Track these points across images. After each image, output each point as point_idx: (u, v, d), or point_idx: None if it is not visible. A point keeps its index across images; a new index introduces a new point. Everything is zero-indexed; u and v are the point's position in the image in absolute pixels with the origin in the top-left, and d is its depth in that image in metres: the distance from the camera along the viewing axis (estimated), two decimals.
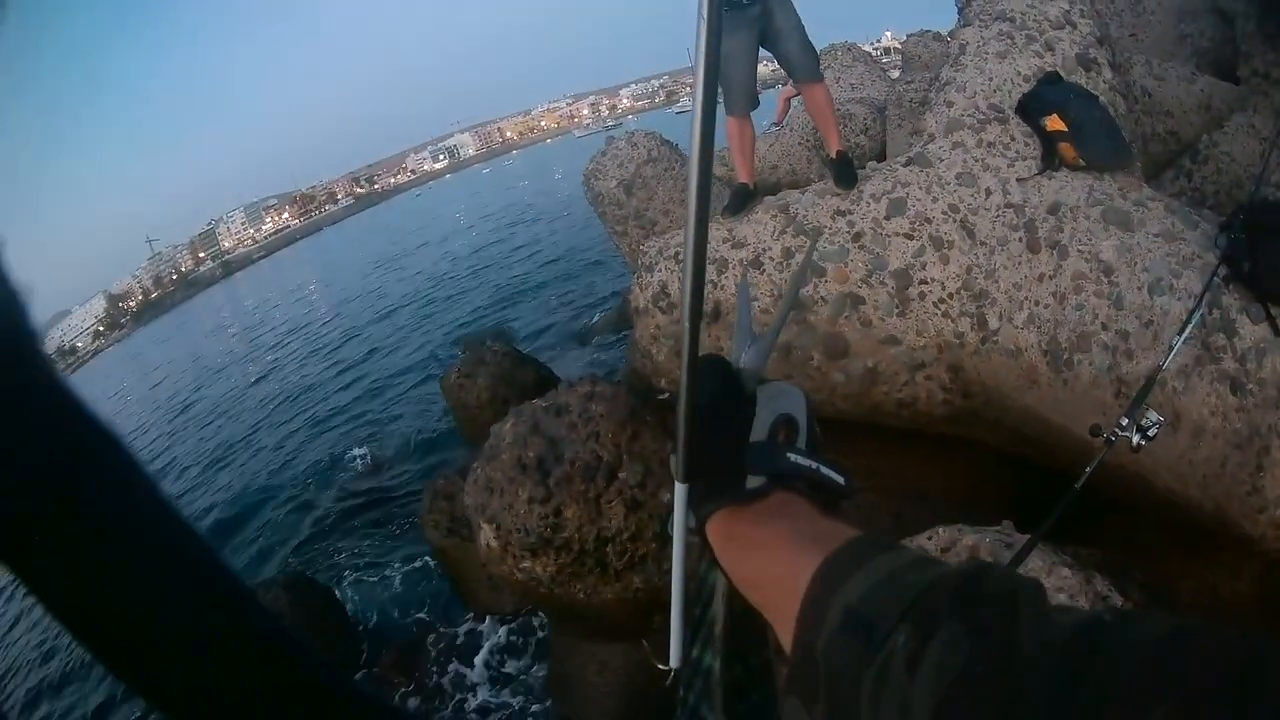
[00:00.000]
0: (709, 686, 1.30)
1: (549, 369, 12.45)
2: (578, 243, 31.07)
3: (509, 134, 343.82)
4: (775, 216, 6.24)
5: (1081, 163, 5.81)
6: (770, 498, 1.07)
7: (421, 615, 10.00)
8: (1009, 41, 6.63)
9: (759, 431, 1.16)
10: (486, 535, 6.09)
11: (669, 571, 4.06)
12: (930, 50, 16.41)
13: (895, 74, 18.06)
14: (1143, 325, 4.99)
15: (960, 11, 7.46)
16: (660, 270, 6.38)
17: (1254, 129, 8.54)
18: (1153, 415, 3.84)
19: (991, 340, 5.49)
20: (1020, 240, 5.56)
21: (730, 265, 6.18)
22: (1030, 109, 6.10)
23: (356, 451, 16.67)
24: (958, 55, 6.81)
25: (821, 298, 5.86)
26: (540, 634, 8.51)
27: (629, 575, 6.13)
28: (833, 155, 6.55)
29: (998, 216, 5.72)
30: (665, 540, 1.35)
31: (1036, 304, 5.36)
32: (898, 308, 5.72)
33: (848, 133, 12.53)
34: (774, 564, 0.97)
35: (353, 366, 25.93)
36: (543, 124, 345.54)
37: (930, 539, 4.17)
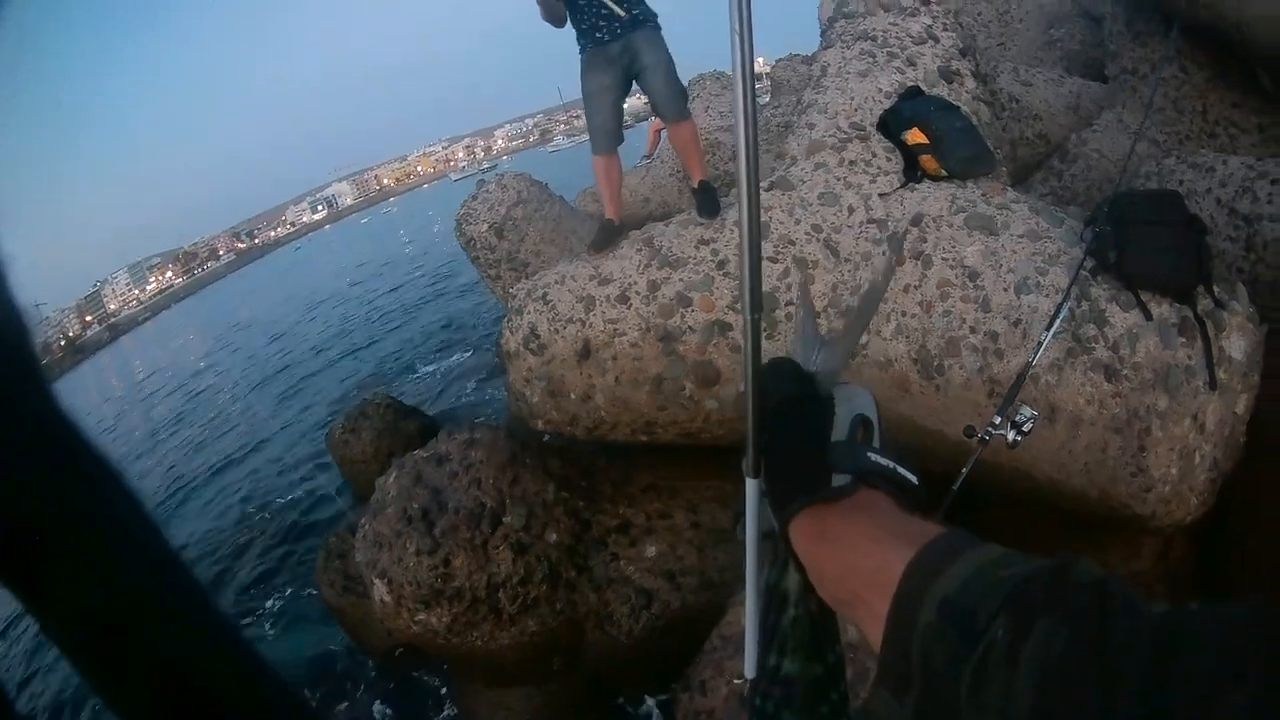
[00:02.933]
0: (790, 692, 1.30)
1: (432, 418, 12.32)
2: (461, 287, 30.98)
3: (386, 181, 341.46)
4: (640, 250, 6.22)
5: (944, 173, 5.87)
6: (856, 495, 1.08)
7: (321, 675, 9.80)
8: (870, 60, 6.72)
9: (840, 431, 1.18)
10: (380, 591, 6.03)
11: (562, 613, 4.01)
12: (798, 74, 16.55)
13: (765, 99, 18.17)
14: (1011, 325, 5.06)
15: (823, 34, 7.53)
16: (529, 312, 6.32)
17: (1123, 124, 8.79)
18: (1026, 411, 3.89)
19: (861, 354, 5.48)
20: (884, 254, 5.58)
21: (597, 302, 6.12)
22: (891, 124, 6.16)
23: (247, 512, 16.39)
24: (820, 77, 6.88)
25: (689, 327, 5.84)
26: (443, 685, 8.39)
27: (523, 619, 6.08)
28: (695, 185, 6.54)
29: (861, 232, 5.74)
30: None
31: (904, 314, 5.38)
32: (766, 331, 5.59)
33: (716, 160, 12.58)
34: (865, 559, 0.98)
35: (239, 430, 25.46)
36: (419, 169, 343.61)
37: None
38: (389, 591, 6.00)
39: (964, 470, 4.01)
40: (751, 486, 1.24)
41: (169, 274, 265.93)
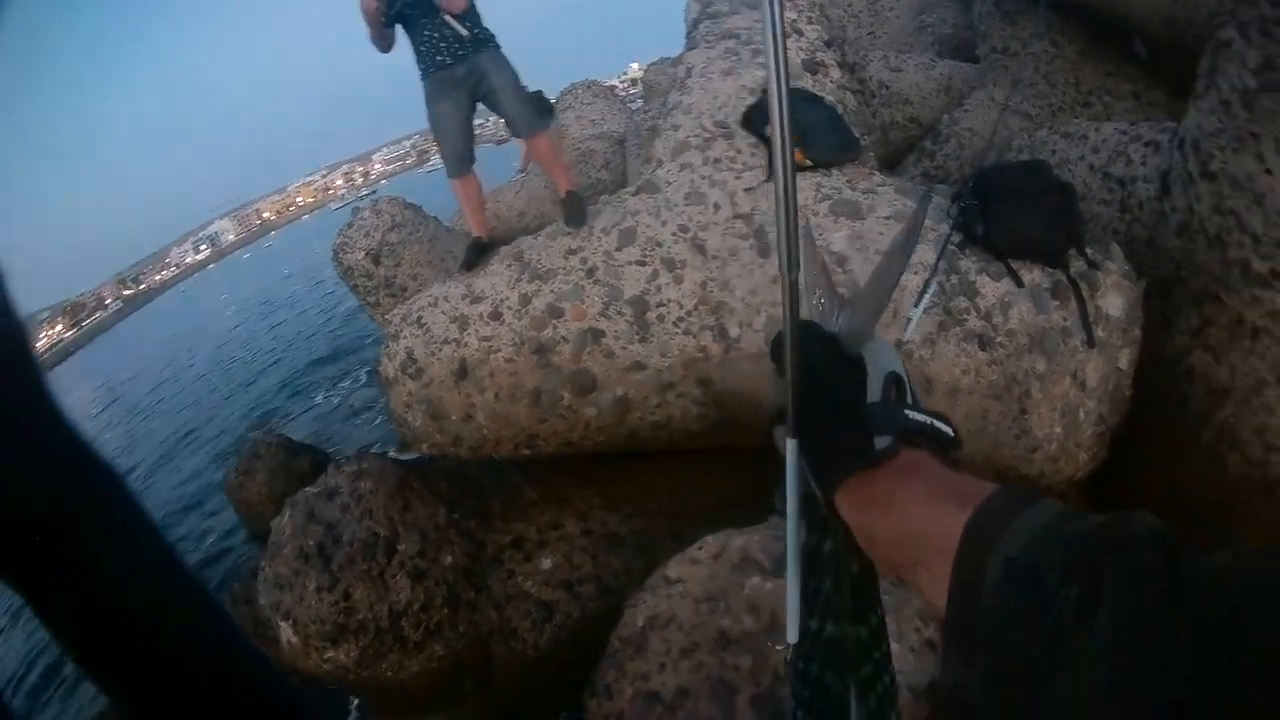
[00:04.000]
0: (833, 655, 1.32)
1: (323, 452, 12.21)
2: (346, 316, 30.72)
3: (267, 215, 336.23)
4: (510, 265, 6.22)
5: (808, 163, 5.93)
6: (900, 457, 1.06)
7: None
8: (735, 58, 6.80)
9: (874, 392, 1.14)
10: (286, 632, 5.95)
11: (466, 635, 3.99)
12: (669, 77, 16.63)
13: (637, 105, 18.26)
14: None
15: (688, 35, 7.58)
16: (405, 337, 6.30)
17: (994, 102, 8.96)
18: None
19: (735, 348, 5.53)
20: (751, 248, 5.63)
21: (471, 320, 6.11)
22: (754, 120, 6.24)
23: None
24: (684, 79, 6.96)
25: (562, 337, 5.85)
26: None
27: (429, 645, 6.05)
28: (563, 196, 6.58)
29: (727, 228, 5.78)
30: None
31: (774, 306, 5.40)
32: (638, 334, 5.73)
33: (588, 169, 12.64)
34: (920, 522, 0.96)
35: (133, 480, 24.95)
36: (299, 200, 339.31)
37: (701, 549, 4.22)
38: (295, 632, 5.92)
39: None
40: (792, 447, 1.20)
41: (58, 327, 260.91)
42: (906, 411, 1.09)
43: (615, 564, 6.32)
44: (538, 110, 6.75)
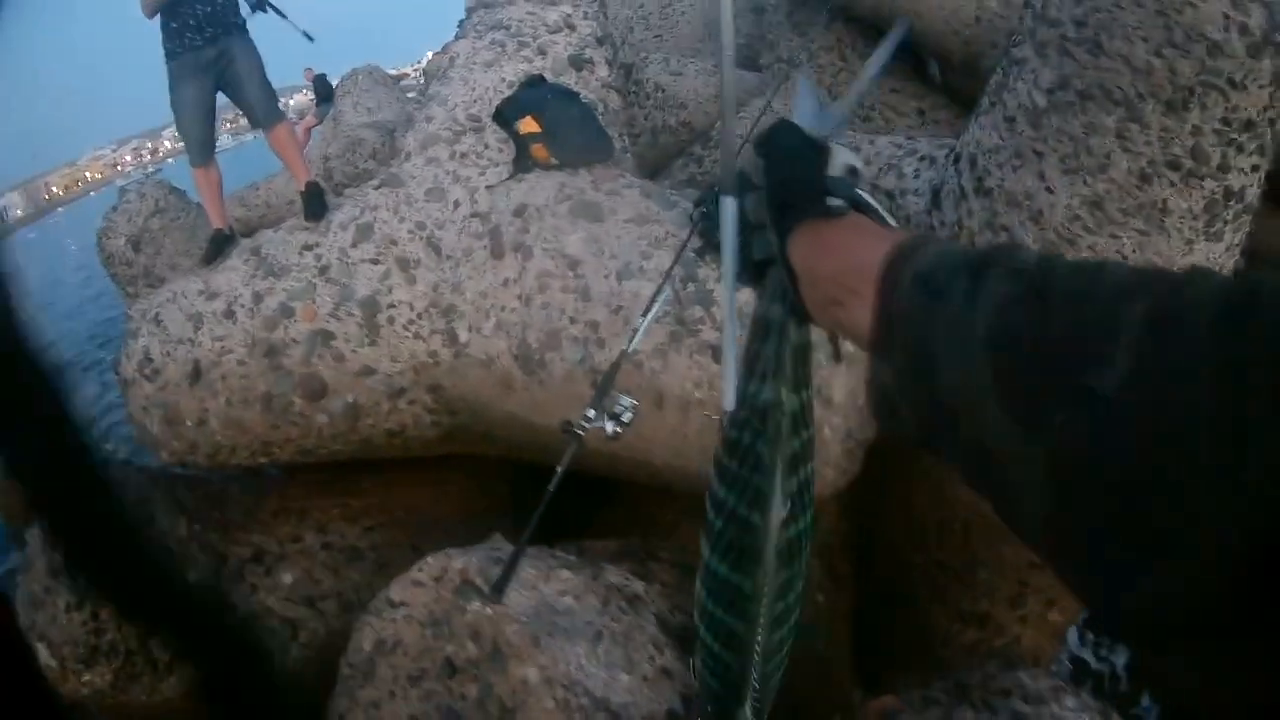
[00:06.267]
0: (766, 423, 1.44)
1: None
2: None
3: (55, 189, 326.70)
4: (247, 260, 6.08)
5: (554, 162, 5.92)
6: (849, 216, 1.24)
7: None
8: (500, 50, 6.76)
9: (835, 170, 1.29)
10: (43, 655, 5.69)
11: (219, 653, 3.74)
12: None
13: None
14: (612, 313, 5.10)
15: (460, 25, 7.52)
16: (144, 335, 6.06)
17: (771, 110, 8.93)
18: (625, 400, 3.94)
19: (464, 354, 5.50)
20: (485, 248, 5.60)
21: (205, 319, 5.93)
22: (506, 114, 6.18)
23: None
24: (446, 69, 6.89)
25: (293, 339, 5.73)
26: None
27: (180, 666, 5.82)
28: (301, 188, 6.50)
29: (464, 227, 5.76)
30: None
31: (503, 310, 5.40)
32: (368, 337, 5.66)
33: (356, 159, 12.49)
34: (857, 256, 1.10)
35: None
36: (88, 175, 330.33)
37: (422, 570, 4.15)
38: (51, 655, 5.62)
39: (559, 469, 3.98)
40: (728, 205, 1.41)
41: None
42: (860, 191, 1.27)
43: (355, 579, 6.19)
44: (277, 101, 6.78)
